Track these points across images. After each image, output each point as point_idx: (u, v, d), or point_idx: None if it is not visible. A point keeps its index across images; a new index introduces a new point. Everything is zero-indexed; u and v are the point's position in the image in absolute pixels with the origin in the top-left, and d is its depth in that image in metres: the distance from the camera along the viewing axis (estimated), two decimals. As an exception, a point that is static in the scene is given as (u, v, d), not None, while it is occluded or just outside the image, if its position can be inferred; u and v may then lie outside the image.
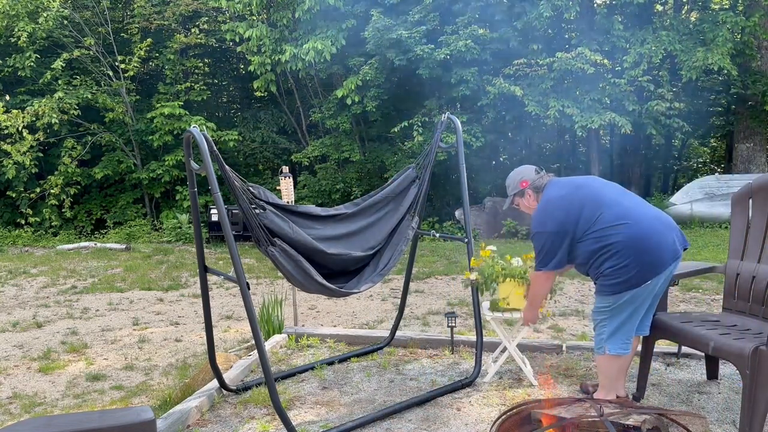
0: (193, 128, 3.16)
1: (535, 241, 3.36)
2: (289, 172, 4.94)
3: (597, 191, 3.32)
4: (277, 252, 3.36)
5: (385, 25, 11.41)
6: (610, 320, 3.25)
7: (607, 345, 3.26)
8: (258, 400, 3.68)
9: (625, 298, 3.18)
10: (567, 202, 3.29)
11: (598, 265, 3.21)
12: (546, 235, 3.31)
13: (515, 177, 3.54)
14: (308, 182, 13.65)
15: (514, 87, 11.00)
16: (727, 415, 3.34)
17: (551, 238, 3.28)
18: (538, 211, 3.40)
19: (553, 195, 3.37)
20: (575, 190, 3.34)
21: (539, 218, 3.36)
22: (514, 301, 3.79)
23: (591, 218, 3.21)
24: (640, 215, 3.22)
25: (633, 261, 3.14)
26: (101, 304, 7.02)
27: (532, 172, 3.50)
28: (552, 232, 3.28)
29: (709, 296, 6.37)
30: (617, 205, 3.23)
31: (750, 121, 12.70)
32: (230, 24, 12.80)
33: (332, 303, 6.60)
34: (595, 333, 3.35)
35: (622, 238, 3.15)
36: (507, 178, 3.60)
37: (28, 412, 3.98)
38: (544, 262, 3.32)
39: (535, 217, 3.40)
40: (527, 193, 3.50)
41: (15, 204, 13.64)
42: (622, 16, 12.42)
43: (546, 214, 3.35)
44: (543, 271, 3.36)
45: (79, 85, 13.13)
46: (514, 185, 3.52)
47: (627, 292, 3.17)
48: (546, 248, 3.30)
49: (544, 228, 3.32)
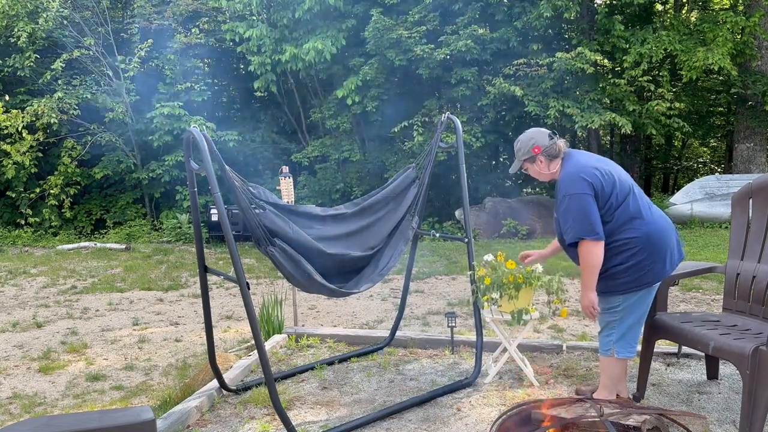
0: (193, 128, 3.16)
1: (571, 205, 3.05)
2: (289, 172, 4.94)
3: (625, 174, 3.17)
4: (277, 252, 3.36)
5: (385, 25, 11.41)
6: (620, 322, 3.17)
7: (616, 347, 3.19)
8: (258, 400, 3.67)
9: (635, 299, 3.12)
10: (602, 173, 3.07)
11: (608, 258, 3.06)
12: (584, 198, 3.02)
13: (527, 142, 3.27)
14: (308, 182, 13.64)
15: (514, 87, 11.00)
16: (727, 415, 3.34)
17: (589, 201, 3.02)
18: (570, 174, 3.12)
19: (587, 161, 3.15)
20: (607, 164, 3.15)
21: (573, 180, 3.08)
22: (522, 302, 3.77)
23: (619, 199, 3.06)
24: (656, 212, 3.16)
25: (647, 259, 3.07)
26: (101, 304, 7.01)
27: (545, 137, 3.24)
28: (590, 195, 3.02)
29: (709, 296, 6.36)
30: (640, 198, 3.11)
31: (750, 121, 12.70)
32: (230, 24, 12.79)
33: (332, 303, 6.60)
34: (602, 334, 3.27)
35: (639, 234, 3.05)
36: (517, 141, 3.35)
37: (28, 412, 3.97)
38: (593, 229, 3.01)
39: (567, 179, 3.12)
40: (539, 159, 3.25)
41: (15, 204, 13.63)
42: (622, 16, 12.42)
43: (581, 176, 3.07)
44: (593, 239, 3.02)
45: (79, 85, 13.12)
46: (526, 150, 3.27)
47: (637, 291, 3.11)
48: (586, 211, 3.01)
49: (582, 189, 3.04)
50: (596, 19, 12.11)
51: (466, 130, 11.25)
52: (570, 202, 3.06)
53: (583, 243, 3.04)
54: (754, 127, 12.72)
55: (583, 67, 10.87)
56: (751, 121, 12.68)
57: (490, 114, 11.94)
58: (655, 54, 11.23)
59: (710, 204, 11.46)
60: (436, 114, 11.58)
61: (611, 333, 3.22)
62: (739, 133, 13.14)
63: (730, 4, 13.16)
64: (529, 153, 3.26)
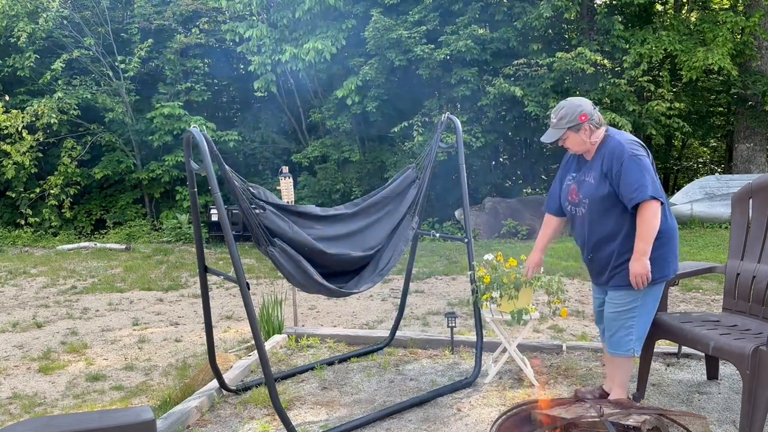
0: (193, 128, 3.16)
1: (639, 165, 2.96)
2: (289, 172, 4.94)
3: None
4: (277, 252, 3.36)
5: (385, 25, 11.42)
6: (639, 319, 3.14)
7: (636, 346, 3.17)
8: (258, 400, 3.67)
9: (653, 294, 3.11)
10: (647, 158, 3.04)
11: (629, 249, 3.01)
12: (646, 160, 2.98)
13: (574, 109, 3.13)
14: (308, 182, 13.64)
15: (514, 87, 11.00)
16: (727, 415, 3.34)
17: (650, 164, 2.97)
18: (629, 140, 3.07)
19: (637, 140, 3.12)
20: None
21: (634, 144, 3.03)
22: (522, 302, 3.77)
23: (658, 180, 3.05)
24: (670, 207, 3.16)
25: (669, 251, 3.06)
26: (101, 304, 7.01)
27: (590, 105, 3.16)
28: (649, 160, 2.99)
29: (709, 296, 6.36)
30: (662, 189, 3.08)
31: (750, 121, 12.70)
32: (230, 24, 12.79)
33: (332, 303, 6.60)
34: (619, 334, 3.18)
35: (666, 225, 3.04)
36: (558, 108, 3.20)
37: (28, 412, 3.97)
38: (660, 191, 2.93)
39: (627, 143, 3.04)
40: (585, 127, 3.12)
41: (15, 204, 13.62)
42: (622, 16, 12.42)
43: (639, 142, 3.05)
44: (659, 201, 2.95)
45: (79, 85, 13.12)
46: (572, 117, 3.12)
47: (659, 285, 3.10)
48: (652, 174, 2.95)
49: (644, 153, 3.00)
50: (596, 19, 12.11)
51: (466, 130, 11.24)
52: (638, 162, 2.97)
53: (652, 203, 2.94)
54: (754, 127, 12.72)
55: (583, 67, 10.87)
56: (751, 121, 12.68)
57: (490, 114, 11.94)
58: (655, 54, 11.24)
59: (710, 204, 11.46)
60: (436, 114, 11.58)
61: (630, 332, 3.16)
62: (739, 133, 13.14)
63: (730, 4, 13.16)
64: (575, 120, 3.12)
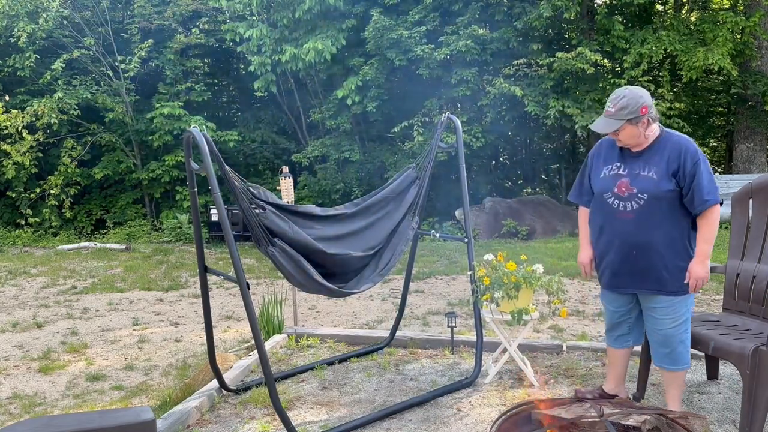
0: (193, 128, 3.16)
1: (708, 168, 2.94)
2: (289, 172, 4.94)
3: None
4: (277, 252, 3.36)
5: (385, 25, 11.41)
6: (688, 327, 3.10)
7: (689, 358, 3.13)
8: (258, 400, 3.67)
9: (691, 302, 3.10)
10: None
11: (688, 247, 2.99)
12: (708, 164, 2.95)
13: (636, 100, 2.95)
14: (308, 182, 13.64)
15: (514, 87, 11.00)
16: (727, 415, 3.34)
17: None
18: (691, 141, 3.02)
19: None
20: None
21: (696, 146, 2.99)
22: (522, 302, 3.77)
23: None
24: None
25: None
26: (101, 304, 7.01)
27: (649, 98, 3.00)
28: None
29: (709, 296, 6.36)
30: None
31: (750, 121, 12.70)
32: (230, 24, 12.79)
33: (332, 303, 6.60)
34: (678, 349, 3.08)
35: None
36: (619, 97, 2.98)
37: (28, 412, 3.97)
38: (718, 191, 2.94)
39: (693, 145, 3.00)
40: (644, 120, 2.97)
41: (15, 204, 13.62)
42: (622, 16, 12.41)
43: None
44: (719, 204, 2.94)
45: (79, 86, 13.11)
46: (633, 108, 2.94)
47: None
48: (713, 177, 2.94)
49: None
50: (596, 19, 12.11)
51: (466, 130, 11.25)
52: (705, 166, 2.93)
53: (716, 208, 2.94)
54: (754, 127, 12.72)
55: (583, 67, 10.87)
56: (751, 121, 12.68)
57: (490, 114, 11.94)
58: (655, 54, 11.23)
59: (710, 204, 11.45)
60: (436, 114, 11.58)
61: (687, 345, 3.10)
62: (739, 133, 13.14)
63: (730, 4, 13.16)
64: (636, 112, 2.94)
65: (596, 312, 5.79)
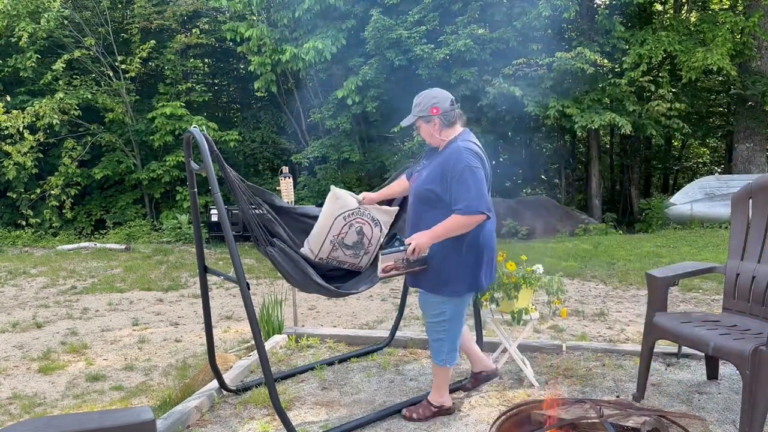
0: (193, 128, 3.16)
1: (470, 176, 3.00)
2: (289, 172, 4.94)
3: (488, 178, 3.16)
4: (276, 252, 3.36)
5: (385, 25, 11.42)
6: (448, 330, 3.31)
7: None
8: (258, 400, 3.67)
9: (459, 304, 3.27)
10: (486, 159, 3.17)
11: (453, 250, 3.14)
12: (481, 173, 3.03)
13: (428, 101, 3.20)
14: (308, 182, 13.65)
15: (513, 87, 11.01)
16: (727, 415, 3.34)
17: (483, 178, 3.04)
18: (470, 148, 3.10)
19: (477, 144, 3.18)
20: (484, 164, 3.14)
21: (473, 154, 3.08)
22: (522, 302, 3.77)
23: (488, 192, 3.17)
24: None
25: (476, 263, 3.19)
26: (101, 304, 7.02)
27: (447, 101, 3.19)
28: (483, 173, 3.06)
29: (709, 296, 6.36)
30: None
31: (750, 121, 12.71)
32: (230, 24, 12.80)
33: (332, 303, 6.60)
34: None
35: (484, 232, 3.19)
36: (419, 95, 3.27)
37: (28, 413, 3.98)
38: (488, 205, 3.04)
39: (467, 151, 3.08)
40: (434, 121, 3.18)
41: (15, 205, 13.64)
42: (622, 16, 12.42)
43: (480, 153, 3.11)
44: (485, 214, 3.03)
45: (80, 86, 13.13)
46: (424, 108, 3.20)
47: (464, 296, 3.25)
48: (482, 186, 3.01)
49: (480, 165, 3.06)
50: (596, 20, 12.12)
51: (466, 130, 11.23)
52: (470, 173, 3.01)
53: (475, 216, 3.01)
54: (753, 127, 12.73)
55: (583, 67, 10.87)
56: (750, 121, 12.69)
57: (490, 114, 11.95)
58: (654, 54, 11.24)
59: (710, 204, 11.47)
60: (436, 114, 11.56)
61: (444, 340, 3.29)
62: (738, 134, 13.15)
63: (730, 5, 13.18)
64: (426, 112, 3.18)
65: (596, 312, 5.80)
